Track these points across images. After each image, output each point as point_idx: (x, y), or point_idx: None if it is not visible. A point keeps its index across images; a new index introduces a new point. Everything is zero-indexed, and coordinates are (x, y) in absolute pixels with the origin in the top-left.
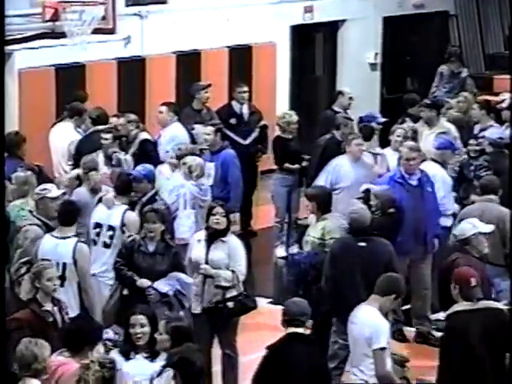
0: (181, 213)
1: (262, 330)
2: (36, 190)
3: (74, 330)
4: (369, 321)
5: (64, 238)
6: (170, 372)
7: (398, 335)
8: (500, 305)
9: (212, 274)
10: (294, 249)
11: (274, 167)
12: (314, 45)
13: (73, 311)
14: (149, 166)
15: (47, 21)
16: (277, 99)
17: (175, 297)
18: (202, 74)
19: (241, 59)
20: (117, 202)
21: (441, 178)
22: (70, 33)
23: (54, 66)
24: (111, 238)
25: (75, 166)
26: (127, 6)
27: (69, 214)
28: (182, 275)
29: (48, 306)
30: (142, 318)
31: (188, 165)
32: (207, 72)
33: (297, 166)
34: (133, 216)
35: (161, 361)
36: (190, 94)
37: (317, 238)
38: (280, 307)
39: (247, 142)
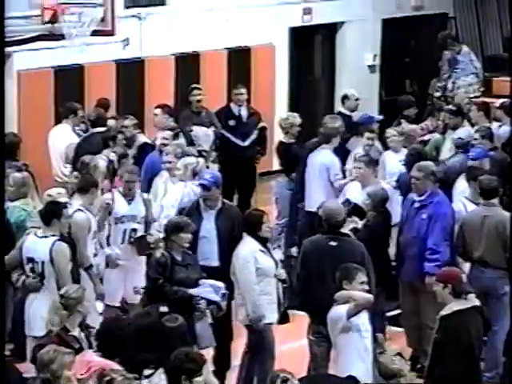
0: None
1: None
2: (47, 193)
3: (107, 334)
4: (331, 314)
5: (44, 237)
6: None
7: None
8: (477, 301)
9: (285, 278)
10: (293, 251)
11: (273, 169)
12: (313, 47)
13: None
14: (216, 173)
15: (46, 22)
16: (275, 101)
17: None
18: (201, 75)
19: (240, 61)
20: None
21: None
22: (69, 34)
23: (52, 67)
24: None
25: (74, 169)
26: (126, 7)
27: (47, 214)
28: (212, 281)
29: (75, 332)
30: None
31: (192, 166)
32: (206, 74)
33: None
34: (81, 219)
35: None
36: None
37: None
38: None
39: (246, 143)
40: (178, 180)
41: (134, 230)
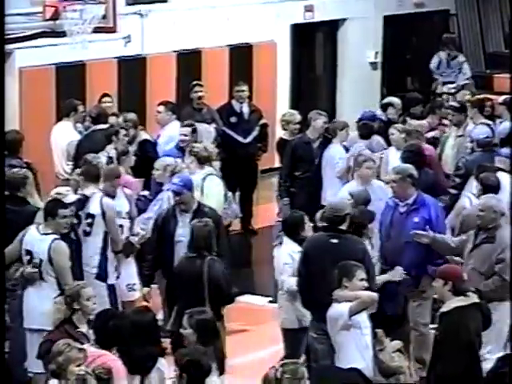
0: None
1: (263, 328)
2: (52, 193)
3: (105, 327)
4: (331, 314)
5: (44, 234)
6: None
7: None
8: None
9: None
10: None
11: (275, 166)
12: (315, 44)
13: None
14: (185, 176)
15: (48, 19)
16: (277, 98)
17: None
18: (203, 72)
19: (241, 58)
20: (90, 191)
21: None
22: (71, 31)
23: (54, 64)
24: (90, 225)
25: (75, 166)
26: (128, 4)
27: (46, 211)
28: None
29: (83, 328)
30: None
31: (171, 168)
32: (208, 71)
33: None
34: (111, 202)
35: None
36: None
37: None
38: None
39: (247, 140)
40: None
41: (121, 226)
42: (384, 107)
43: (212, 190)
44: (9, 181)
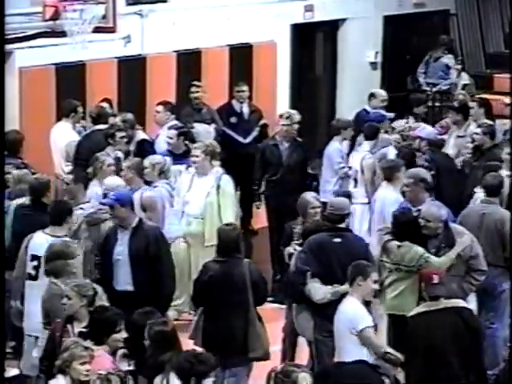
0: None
1: None
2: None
3: (96, 320)
4: (347, 310)
5: (54, 236)
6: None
7: None
8: (463, 302)
9: None
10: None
11: None
12: (315, 44)
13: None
14: (123, 191)
15: (47, 19)
16: (277, 98)
17: None
18: (203, 72)
19: (241, 58)
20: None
21: None
22: (71, 31)
23: (54, 64)
24: None
25: (76, 166)
26: (128, 4)
27: (58, 214)
28: None
29: (78, 327)
30: None
31: (160, 166)
32: (208, 71)
33: None
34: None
35: None
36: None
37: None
38: (280, 306)
39: (247, 140)
40: (203, 176)
41: None
42: (368, 98)
43: (228, 189)
44: (33, 186)
